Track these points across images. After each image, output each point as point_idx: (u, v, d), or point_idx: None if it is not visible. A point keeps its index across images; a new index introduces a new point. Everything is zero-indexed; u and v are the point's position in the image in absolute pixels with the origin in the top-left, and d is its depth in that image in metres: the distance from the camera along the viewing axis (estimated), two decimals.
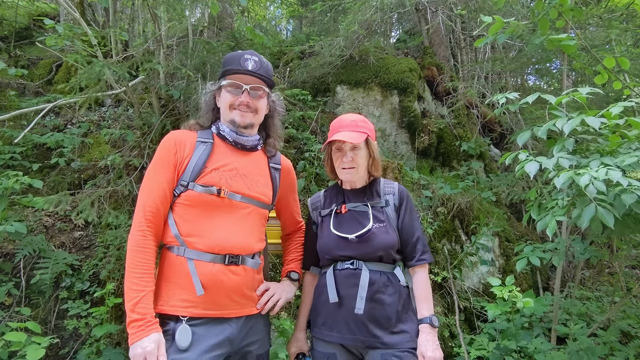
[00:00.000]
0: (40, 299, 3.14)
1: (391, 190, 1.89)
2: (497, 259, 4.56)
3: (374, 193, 1.89)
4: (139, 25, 6.10)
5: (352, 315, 1.69)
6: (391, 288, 1.74)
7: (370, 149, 1.87)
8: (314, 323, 1.83)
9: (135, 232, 1.55)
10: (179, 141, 1.68)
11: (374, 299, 1.70)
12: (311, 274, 1.97)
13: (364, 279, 1.71)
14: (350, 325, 1.70)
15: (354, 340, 1.69)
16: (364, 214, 1.83)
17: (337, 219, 1.85)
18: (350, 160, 1.82)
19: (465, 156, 5.83)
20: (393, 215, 1.84)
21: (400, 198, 1.88)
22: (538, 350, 3.13)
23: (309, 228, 2.00)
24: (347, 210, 1.86)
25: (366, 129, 1.84)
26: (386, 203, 1.86)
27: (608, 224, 1.78)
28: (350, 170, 1.84)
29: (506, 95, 2.44)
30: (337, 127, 1.86)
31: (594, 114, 2.04)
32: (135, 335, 1.42)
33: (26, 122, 4.29)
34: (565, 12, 2.73)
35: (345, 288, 1.74)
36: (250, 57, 1.71)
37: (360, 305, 1.68)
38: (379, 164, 1.90)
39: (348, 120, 1.85)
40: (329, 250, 1.81)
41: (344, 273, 1.76)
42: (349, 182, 1.92)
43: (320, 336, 1.78)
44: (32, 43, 5.93)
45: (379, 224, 1.79)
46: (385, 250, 1.76)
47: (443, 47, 7.14)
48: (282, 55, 6.16)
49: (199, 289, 1.52)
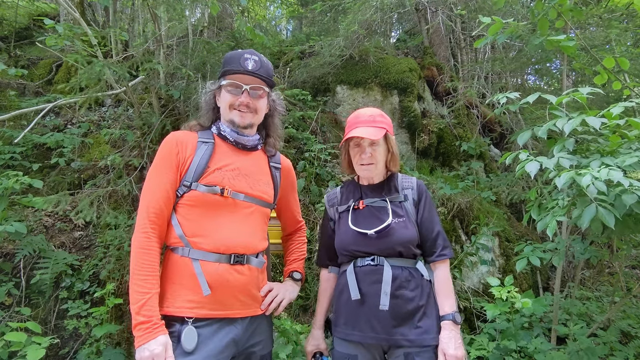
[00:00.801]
0: (40, 299, 3.14)
1: (409, 185, 1.86)
2: (497, 259, 4.56)
3: (392, 188, 1.86)
4: (139, 25, 6.10)
5: (375, 312, 1.66)
6: (413, 283, 1.71)
7: (389, 144, 1.84)
8: (335, 323, 1.80)
9: (139, 233, 1.54)
10: (181, 142, 1.67)
11: (397, 295, 1.68)
12: (328, 270, 1.96)
13: (387, 274, 1.68)
14: (373, 323, 1.67)
15: (376, 340, 1.66)
16: (382, 209, 1.80)
17: (355, 215, 1.83)
18: (369, 156, 1.79)
19: (465, 156, 5.83)
20: (412, 210, 1.81)
21: (419, 192, 1.85)
22: (538, 350, 3.13)
23: (325, 225, 1.98)
24: (365, 205, 1.83)
25: (384, 123, 1.82)
26: (405, 198, 1.83)
27: (609, 225, 1.78)
28: (368, 166, 1.81)
29: (507, 95, 2.44)
30: (354, 122, 1.83)
31: (594, 114, 2.04)
32: (142, 337, 1.41)
33: (26, 122, 4.29)
34: (564, 13, 2.73)
35: (367, 285, 1.71)
36: (251, 56, 1.70)
37: (385, 301, 1.65)
38: (397, 159, 1.88)
39: (366, 115, 1.83)
40: (347, 246, 1.79)
41: (364, 270, 1.73)
42: (366, 178, 1.89)
43: (341, 336, 1.75)
44: (32, 43, 5.93)
45: (398, 218, 1.76)
46: (404, 245, 1.73)
47: (443, 47, 7.14)
48: (282, 55, 6.15)
49: (205, 289, 1.52)
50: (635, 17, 4.54)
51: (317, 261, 2.02)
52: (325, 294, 1.92)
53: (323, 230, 1.99)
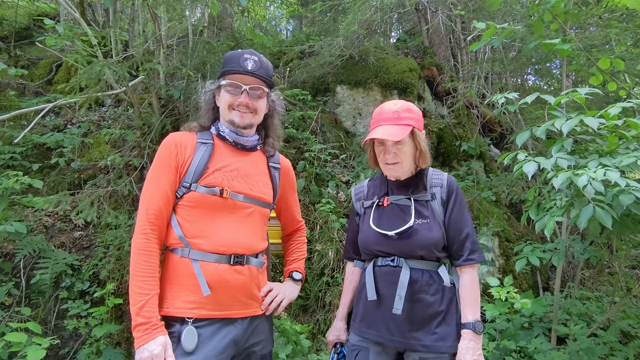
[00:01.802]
0: (40, 299, 3.14)
1: (439, 182, 1.76)
2: (497, 259, 4.56)
3: (420, 185, 1.77)
4: (139, 25, 6.10)
5: (390, 314, 1.62)
6: (434, 287, 1.64)
7: (416, 141, 1.72)
8: (354, 318, 1.80)
9: (139, 235, 1.54)
10: (180, 143, 1.67)
11: (415, 299, 1.62)
12: (353, 264, 1.96)
13: (404, 277, 1.62)
14: (389, 325, 1.64)
15: (392, 341, 1.64)
16: (406, 208, 1.72)
17: (379, 213, 1.77)
18: (393, 155, 1.71)
19: (465, 156, 5.83)
20: (439, 209, 1.71)
21: (449, 191, 1.73)
22: (538, 351, 3.13)
23: (352, 219, 1.94)
24: (390, 203, 1.76)
25: (411, 119, 1.69)
26: (432, 196, 1.73)
27: (606, 225, 1.77)
28: (394, 166, 1.73)
29: (505, 95, 2.44)
30: (377, 119, 1.73)
31: (592, 114, 2.04)
32: (141, 339, 1.42)
33: (26, 122, 4.30)
34: (559, 15, 2.73)
35: (385, 286, 1.67)
36: (250, 56, 1.70)
37: (399, 305, 1.59)
38: (426, 155, 1.74)
39: (390, 111, 1.72)
40: (368, 245, 1.75)
41: (383, 270, 1.69)
42: (393, 176, 1.80)
43: (357, 332, 1.75)
44: (32, 43, 5.94)
45: (422, 220, 1.68)
46: (427, 248, 1.65)
47: (443, 47, 7.14)
48: (282, 55, 6.16)
49: (205, 290, 1.52)
50: (635, 17, 4.53)
51: (344, 254, 2.04)
52: (349, 287, 1.92)
53: (350, 224, 1.97)
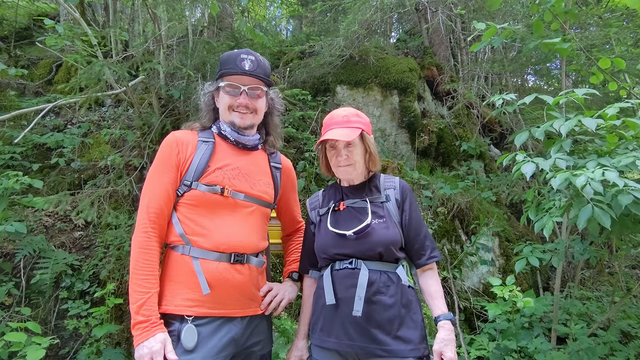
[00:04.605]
0: (40, 299, 3.15)
1: (392, 185, 1.80)
2: (497, 259, 4.56)
3: (373, 188, 1.80)
4: (139, 25, 6.11)
5: (350, 318, 1.59)
6: (392, 288, 1.63)
7: (365, 144, 1.77)
8: (313, 329, 1.73)
9: (139, 233, 1.54)
10: (181, 141, 1.67)
11: (374, 300, 1.60)
12: (310, 278, 1.87)
13: (363, 278, 1.60)
14: (349, 329, 1.59)
15: (352, 347, 1.58)
16: (362, 209, 1.73)
17: (335, 217, 1.77)
18: (345, 157, 1.74)
19: (465, 156, 5.83)
20: (395, 210, 1.74)
21: (403, 193, 1.78)
22: (538, 350, 3.13)
23: (307, 229, 1.91)
24: (345, 207, 1.77)
25: (360, 123, 1.75)
26: (386, 198, 1.76)
27: (604, 225, 1.78)
28: (347, 167, 1.76)
29: (503, 97, 2.44)
30: (328, 124, 1.77)
31: (591, 115, 2.04)
32: (140, 336, 1.42)
33: (26, 122, 4.30)
34: (559, 15, 2.73)
35: (343, 289, 1.63)
36: (247, 56, 1.70)
37: (359, 306, 1.56)
38: (376, 158, 1.79)
39: (340, 116, 1.76)
40: (326, 248, 1.72)
41: (342, 273, 1.66)
42: (346, 179, 1.83)
43: (318, 342, 1.68)
44: (32, 43, 5.94)
45: (378, 219, 1.69)
46: (385, 246, 1.65)
47: (443, 47, 7.14)
48: (282, 55, 6.16)
49: (204, 288, 1.52)
50: (635, 17, 4.53)
51: (300, 266, 1.92)
52: (308, 301, 1.83)
53: (305, 235, 1.92)
